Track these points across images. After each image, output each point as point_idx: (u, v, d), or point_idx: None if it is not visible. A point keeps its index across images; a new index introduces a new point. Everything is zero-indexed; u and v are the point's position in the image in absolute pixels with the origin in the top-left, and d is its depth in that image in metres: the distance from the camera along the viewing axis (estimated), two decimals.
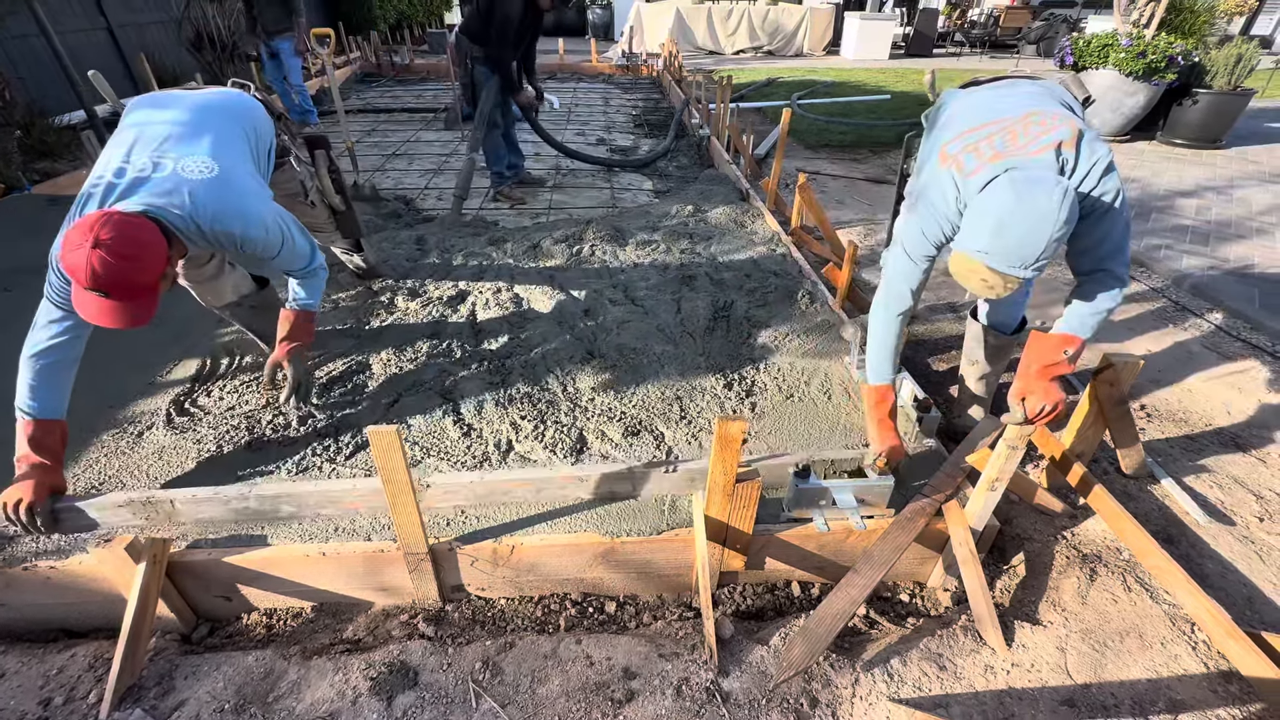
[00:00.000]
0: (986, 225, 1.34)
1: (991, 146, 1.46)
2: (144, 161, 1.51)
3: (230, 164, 1.61)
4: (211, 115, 1.70)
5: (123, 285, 1.36)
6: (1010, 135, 1.46)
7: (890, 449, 1.68)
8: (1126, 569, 1.63)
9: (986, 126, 1.52)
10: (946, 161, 1.52)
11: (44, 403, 1.53)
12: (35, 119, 4.90)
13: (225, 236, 1.58)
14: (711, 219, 3.74)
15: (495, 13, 3.66)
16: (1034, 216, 1.28)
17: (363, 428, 1.96)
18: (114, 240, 1.33)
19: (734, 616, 1.63)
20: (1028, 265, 1.32)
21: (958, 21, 14.96)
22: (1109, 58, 5.74)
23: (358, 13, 11.39)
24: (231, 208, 1.57)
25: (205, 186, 1.53)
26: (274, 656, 1.46)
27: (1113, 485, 1.93)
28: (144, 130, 1.59)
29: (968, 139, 1.52)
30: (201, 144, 1.59)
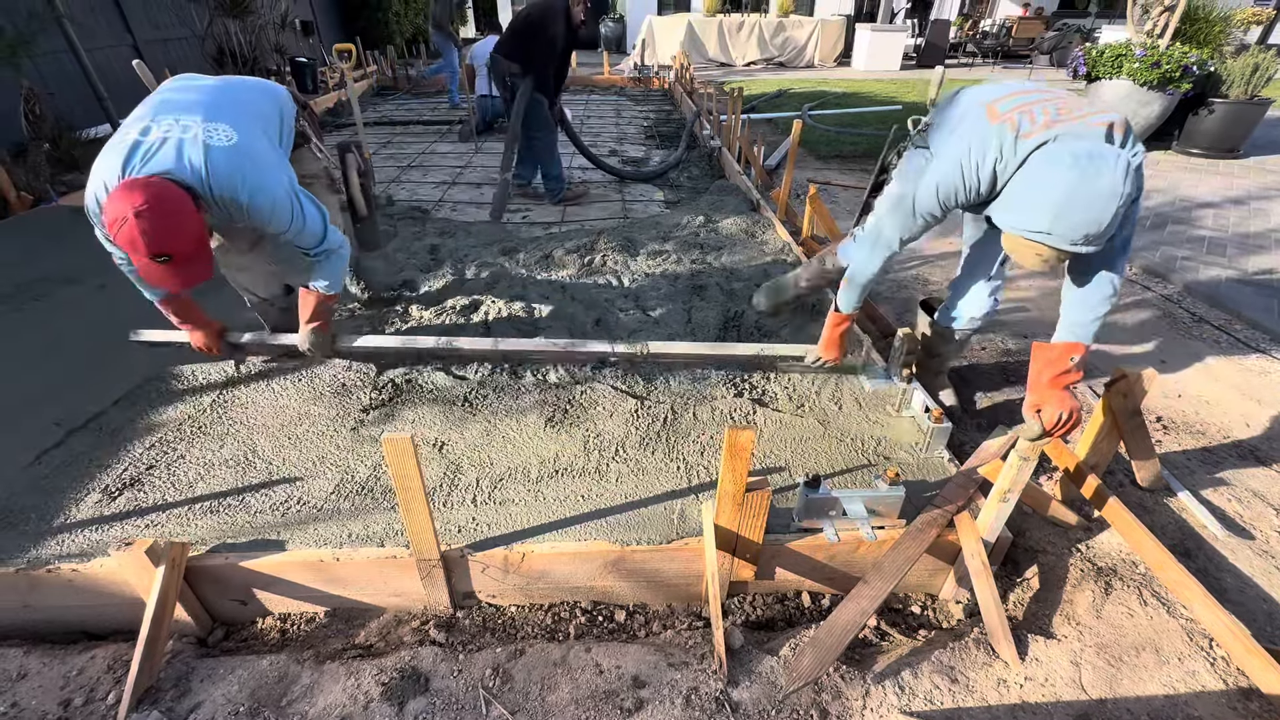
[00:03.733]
0: (1047, 206, 1.28)
1: (1045, 113, 1.39)
2: (169, 125, 1.60)
3: (250, 136, 1.69)
4: (236, 91, 1.81)
5: (175, 244, 1.51)
6: (1064, 105, 1.41)
7: (832, 357, 2.04)
8: (1142, 583, 1.61)
9: (1034, 93, 1.47)
10: (998, 118, 1.43)
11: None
12: (63, 132, 5.03)
13: (232, 203, 1.65)
14: (723, 229, 3.76)
15: (539, 35, 3.79)
16: (1100, 193, 1.24)
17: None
18: (150, 206, 1.46)
19: (744, 627, 1.62)
20: (1092, 240, 1.28)
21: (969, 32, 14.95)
22: (1123, 68, 5.72)
23: (375, 28, 11.62)
24: (243, 176, 1.64)
25: (222, 153, 1.61)
26: (288, 661, 1.48)
27: (1128, 498, 1.91)
28: (173, 98, 1.70)
29: (1019, 99, 1.45)
30: (224, 115, 1.68)
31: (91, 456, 1.89)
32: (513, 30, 3.95)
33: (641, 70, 10.18)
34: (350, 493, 1.77)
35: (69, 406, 2.11)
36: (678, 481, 1.82)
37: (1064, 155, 1.29)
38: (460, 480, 1.81)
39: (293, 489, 1.78)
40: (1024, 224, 1.33)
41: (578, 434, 2.00)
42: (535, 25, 3.86)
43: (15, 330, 2.58)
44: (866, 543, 1.61)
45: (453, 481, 1.81)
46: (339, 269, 1.98)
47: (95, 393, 2.17)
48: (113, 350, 2.41)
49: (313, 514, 1.70)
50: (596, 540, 1.62)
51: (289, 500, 1.74)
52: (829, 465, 1.89)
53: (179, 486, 1.78)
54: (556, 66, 4.13)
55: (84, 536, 1.62)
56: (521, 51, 3.89)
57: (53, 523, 1.66)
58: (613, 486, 1.80)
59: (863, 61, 12.90)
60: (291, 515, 1.69)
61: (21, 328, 2.60)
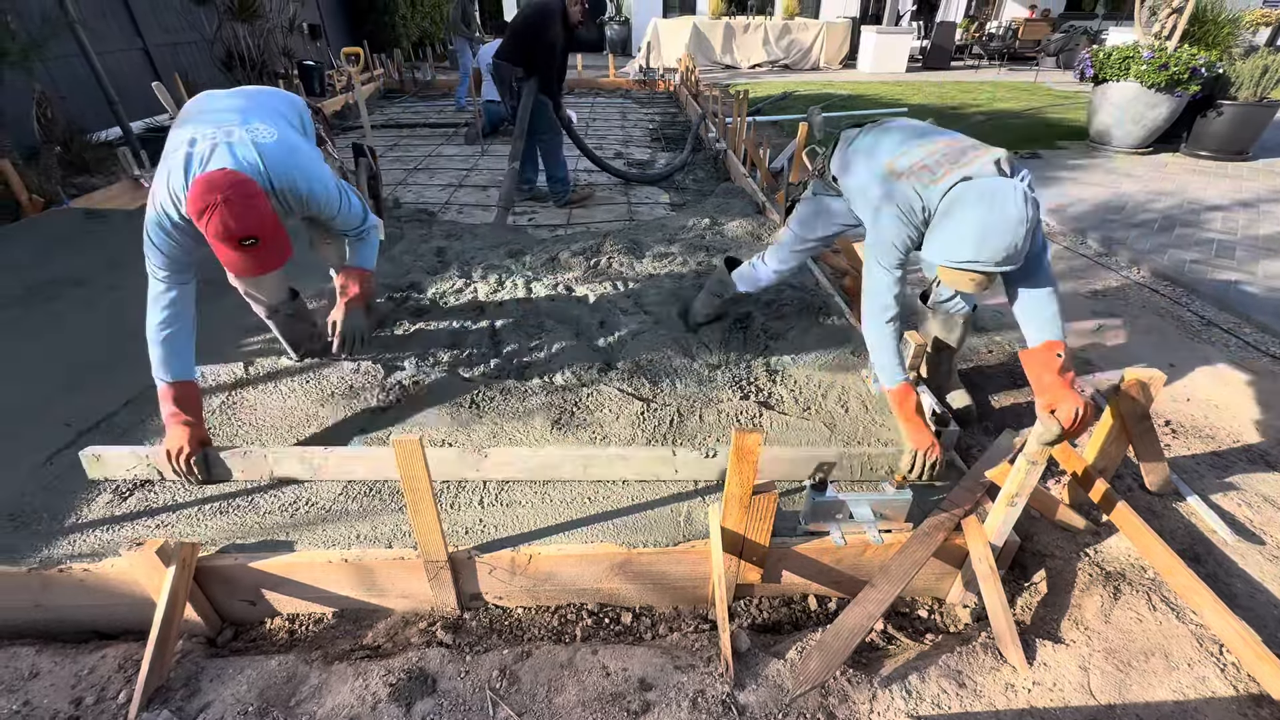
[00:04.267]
0: (969, 239, 1.50)
1: (941, 161, 1.63)
2: (212, 132, 1.67)
3: (286, 132, 1.80)
4: (264, 98, 1.92)
5: (260, 226, 1.56)
6: (954, 150, 1.65)
7: (926, 446, 1.75)
8: (1151, 588, 1.60)
9: (924, 143, 1.71)
10: (903, 177, 1.67)
11: (176, 368, 1.74)
12: (74, 136, 5.09)
13: (292, 193, 1.74)
14: (728, 232, 3.76)
15: (539, 38, 3.86)
16: (1009, 219, 1.47)
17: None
18: (234, 194, 1.52)
19: (750, 630, 1.62)
20: (1012, 259, 1.50)
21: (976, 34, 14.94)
22: (1130, 70, 5.70)
23: (381, 31, 11.69)
24: (296, 166, 1.75)
25: (272, 148, 1.70)
26: (296, 661, 1.48)
27: (1137, 502, 1.90)
28: (207, 112, 1.78)
29: (915, 155, 1.68)
30: (257, 116, 1.77)
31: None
32: (513, 34, 3.98)
33: (647, 73, 10.21)
34: (358, 494, 1.77)
35: (79, 408, 2.13)
36: (683, 485, 1.82)
37: (971, 194, 1.53)
38: (467, 483, 1.82)
39: (301, 490, 1.79)
40: (953, 256, 1.54)
41: (584, 436, 2.00)
42: (534, 28, 3.90)
43: (27, 331, 2.61)
44: (873, 546, 1.60)
45: (459, 483, 1.81)
46: (374, 247, 2.10)
47: (106, 394, 2.19)
48: (123, 352, 2.44)
49: (321, 515, 1.71)
50: (603, 542, 1.62)
51: (297, 501, 1.75)
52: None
53: (188, 487, 1.80)
54: (557, 67, 4.16)
55: (95, 537, 1.63)
56: (523, 55, 3.92)
57: (64, 523, 1.68)
58: (619, 489, 1.80)
59: (868, 64, 12.89)
60: (300, 516, 1.70)
61: (33, 329, 2.63)
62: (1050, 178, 5.36)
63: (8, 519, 1.68)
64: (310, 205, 1.80)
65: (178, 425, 1.72)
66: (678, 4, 16.05)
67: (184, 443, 1.71)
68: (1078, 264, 3.80)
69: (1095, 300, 3.33)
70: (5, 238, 3.55)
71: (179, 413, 1.73)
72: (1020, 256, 1.50)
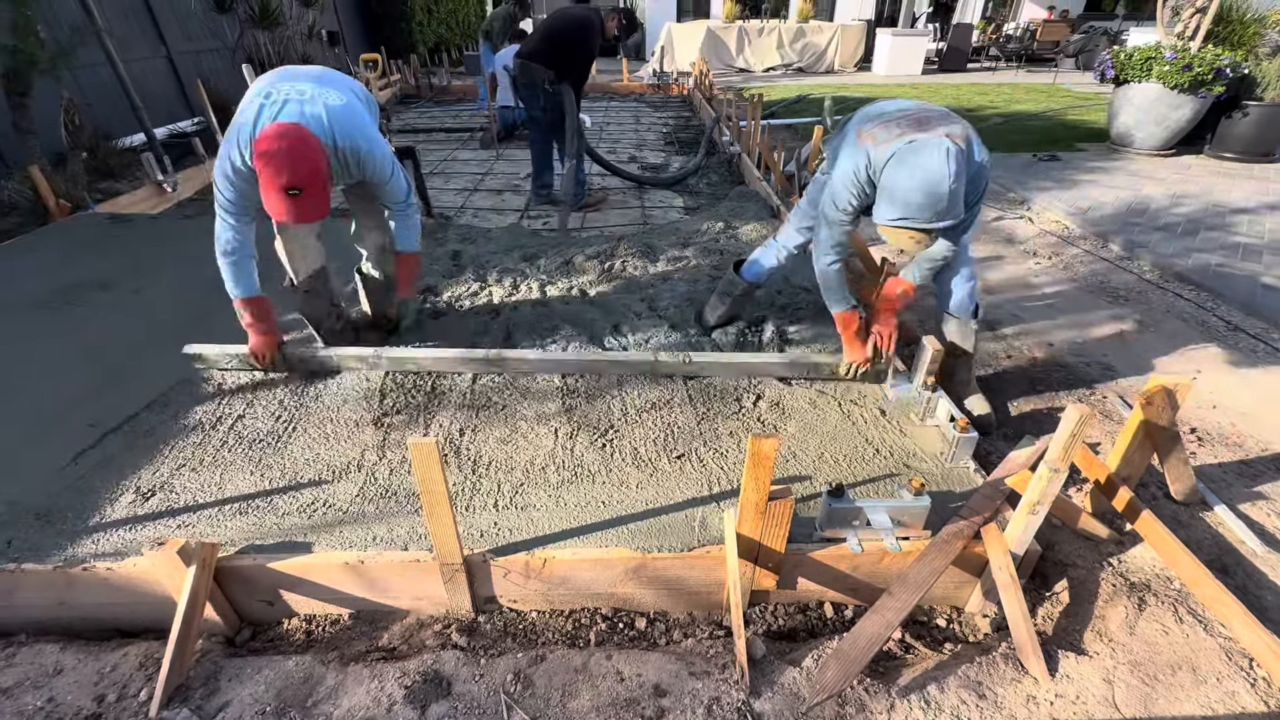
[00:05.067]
0: (899, 196, 1.61)
1: (899, 128, 1.75)
2: (287, 88, 1.89)
3: (353, 102, 2.00)
4: (338, 76, 2.11)
5: (310, 180, 1.76)
6: (915, 124, 1.75)
7: (860, 359, 2.14)
8: (1178, 599, 1.56)
9: (898, 117, 1.81)
10: (862, 139, 1.81)
11: (245, 286, 2.05)
12: (100, 142, 5.19)
13: (352, 152, 1.93)
14: (742, 235, 3.75)
15: (580, 47, 3.99)
16: (929, 174, 1.56)
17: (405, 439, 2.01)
18: (294, 145, 1.73)
19: (765, 636, 1.61)
20: (941, 215, 1.58)
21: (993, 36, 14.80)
22: (1152, 71, 5.61)
23: (398, 37, 11.82)
24: (359, 129, 1.95)
25: (339, 110, 1.91)
26: (313, 662, 1.50)
27: (1162, 511, 1.86)
28: (284, 76, 1.98)
29: (880, 123, 1.82)
30: (330, 84, 1.99)
31: (125, 457, 1.94)
32: (548, 39, 4.02)
33: (661, 77, 10.22)
34: (374, 495, 1.79)
35: (104, 408, 2.16)
36: (699, 489, 1.81)
37: (903, 155, 1.64)
38: (482, 485, 1.82)
39: (319, 491, 1.80)
40: (889, 215, 1.67)
41: (599, 440, 2.00)
42: (575, 39, 4.01)
43: (53, 334, 2.66)
44: (891, 554, 1.58)
45: (475, 486, 1.82)
46: (416, 227, 2.29)
47: (129, 395, 2.23)
48: (146, 354, 2.48)
49: (338, 517, 1.72)
50: (617, 547, 1.62)
51: (315, 503, 1.76)
52: (852, 474, 1.87)
53: (209, 488, 1.82)
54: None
55: (118, 536, 1.66)
56: (559, 60, 3.99)
57: (88, 522, 1.71)
58: (633, 493, 1.80)
59: (883, 66, 12.81)
60: (318, 518, 1.72)
61: (59, 331, 2.68)
62: (1071, 180, 5.28)
63: (35, 518, 1.71)
64: (366, 166, 1.99)
65: (257, 333, 2.16)
66: (691, 8, 16.07)
67: (264, 346, 2.18)
68: (1099, 267, 3.74)
69: (1118, 304, 3.28)
70: (34, 242, 3.63)
71: (255, 322, 2.13)
72: (951, 213, 1.58)
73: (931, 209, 1.58)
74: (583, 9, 4.19)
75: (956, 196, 1.58)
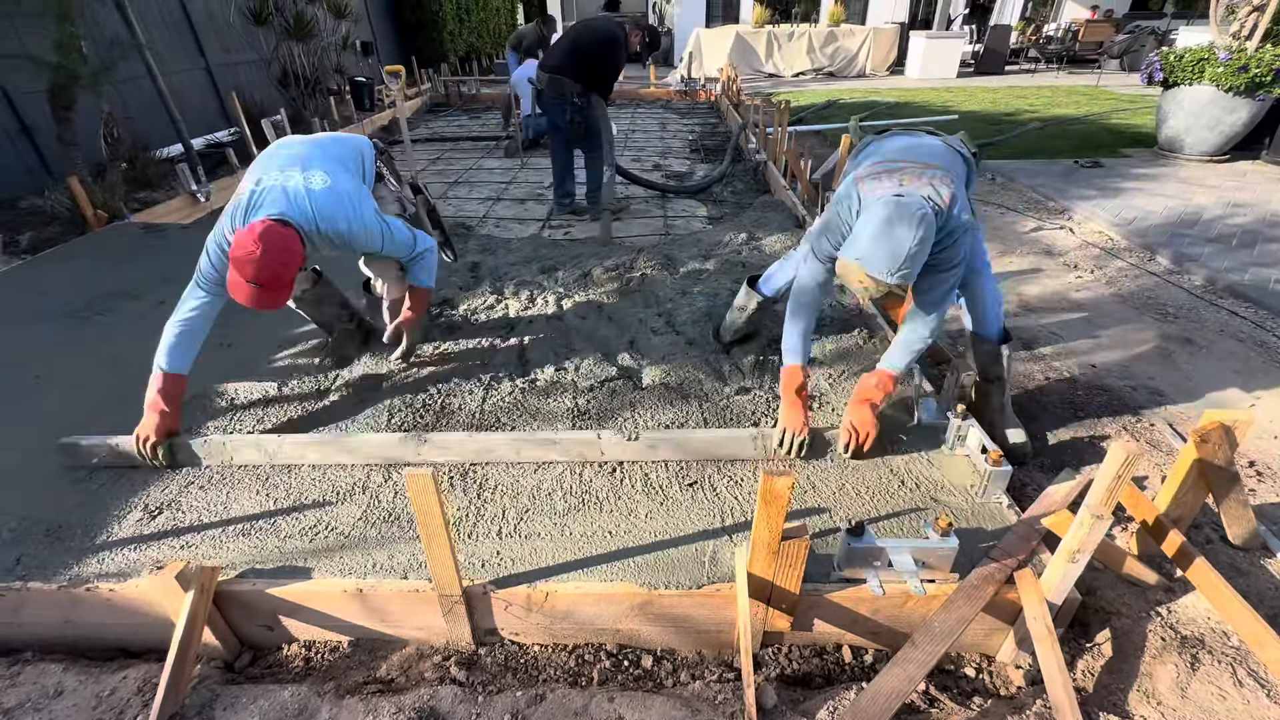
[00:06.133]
0: (865, 236, 1.62)
1: (894, 180, 1.74)
2: (276, 176, 1.94)
3: (339, 178, 2.01)
4: (323, 144, 2.13)
5: (274, 281, 1.79)
6: (910, 177, 1.74)
7: (797, 427, 1.90)
8: (1237, 659, 1.42)
9: (898, 163, 1.81)
10: (857, 182, 1.81)
11: (176, 361, 1.95)
12: (139, 153, 5.35)
13: (335, 234, 1.96)
14: (765, 247, 3.65)
15: (607, 62, 4.02)
16: (897, 233, 1.57)
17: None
18: (271, 248, 1.76)
19: (779, 681, 1.52)
20: (892, 273, 1.58)
21: (1032, 37, 14.37)
22: (1204, 73, 5.33)
23: (430, 46, 12.01)
24: (340, 211, 1.96)
25: (322, 195, 1.93)
26: (309, 693, 1.46)
27: (1217, 557, 1.71)
28: (273, 157, 2.04)
29: (879, 168, 1.81)
30: (315, 164, 2.00)
31: (136, 474, 1.94)
32: (574, 53, 4.01)
33: (688, 83, 10.16)
34: (377, 519, 1.75)
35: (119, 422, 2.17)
36: (710, 520, 1.73)
37: (878, 206, 1.63)
38: (486, 511, 1.77)
39: (322, 514, 1.77)
40: (849, 251, 1.66)
41: (606, 467, 1.93)
42: (602, 53, 4.04)
43: (80, 344, 2.71)
44: (915, 598, 1.48)
45: (479, 512, 1.77)
46: (429, 268, 2.28)
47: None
48: None
49: (340, 541, 1.69)
50: (623, 582, 1.54)
51: (318, 525, 1.73)
52: (875, 507, 1.76)
53: (214, 507, 1.81)
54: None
55: (122, 556, 1.65)
56: (588, 74, 4.00)
57: (95, 540, 1.70)
58: (642, 523, 1.72)
59: (917, 70, 12.54)
60: (319, 542, 1.69)
61: (86, 342, 2.73)
62: (1115, 188, 5.04)
63: (45, 534, 1.72)
64: (353, 242, 2.02)
65: (154, 413, 1.92)
66: (720, 13, 15.99)
67: (152, 430, 1.90)
68: (1146, 282, 3.54)
69: (1166, 322, 3.08)
70: (70, 251, 3.74)
71: (158, 401, 1.92)
72: (899, 273, 1.58)
73: (888, 263, 1.58)
74: (607, 21, 4.16)
75: (915, 261, 1.60)
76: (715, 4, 16.06)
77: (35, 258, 3.66)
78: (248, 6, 7.47)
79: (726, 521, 1.72)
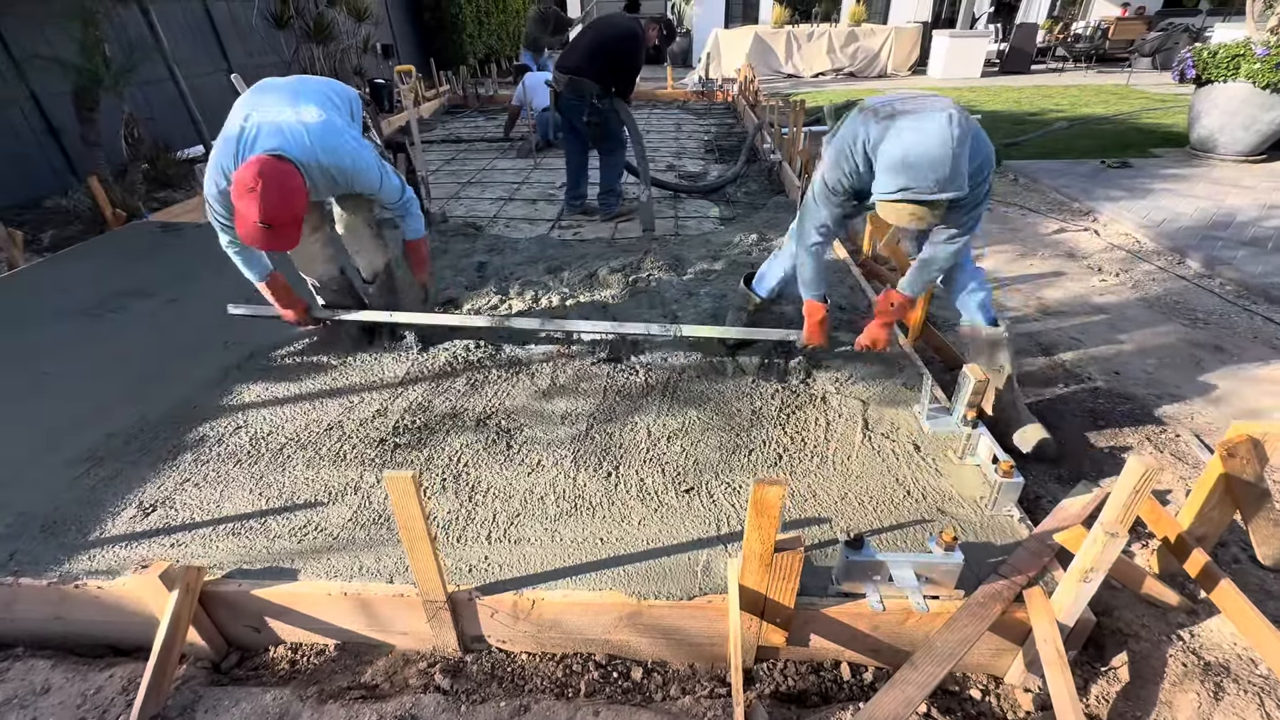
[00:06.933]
0: (898, 165, 1.51)
1: (900, 106, 1.66)
2: (268, 112, 1.90)
3: (331, 114, 2.00)
4: (311, 85, 2.11)
5: (282, 218, 1.79)
6: (916, 104, 1.66)
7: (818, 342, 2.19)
8: (1265, 689, 1.33)
9: (899, 98, 1.72)
10: (862, 113, 1.73)
11: (258, 270, 2.20)
12: (160, 153, 5.44)
13: (336, 169, 1.95)
14: (776, 248, 3.57)
15: (628, 59, 3.97)
16: (931, 139, 1.47)
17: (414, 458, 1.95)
18: (270, 184, 1.74)
19: (773, 698, 1.46)
20: (943, 184, 1.47)
21: (1060, 35, 14.03)
22: (1240, 69, 5.13)
23: (449, 48, 12.09)
24: (341, 145, 1.95)
25: (318, 128, 1.91)
26: (291, 697, 1.43)
27: (1246, 579, 1.61)
28: (262, 94, 1.99)
29: (880, 102, 1.73)
30: (308, 100, 1.98)
31: (133, 470, 1.94)
32: (596, 53, 3.95)
33: (705, 84, 10.09)
34: (367, 521, 1.73)
35: (123, 418, 2.19)
36: (705, 528, 1.67)
37: (902, 125, 1.56)
38: (477, 514, 1.74)
39: (312, 514, 1.75)
40: (888, 187, 1.54)
41: (601, 472, 1.89)
42: (623, 51, 3.96)
43: (91, 341, 2.74)
44: (917, 614, 1.41)
45: (469, 515, 1.74)
46: (419, 215, 2.34)
47: (150, 404, 2.25)
48: (170, 364, 2.52)
49: (328, 542, 1.66)
50: (612, 591, 1.50)
51: (307, 526, 1.71)
52: (878, 517, 1.69)
53: (207, 505, 1.80)
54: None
55: (113, 553, 1.65)
56: (609, 75, 3.98)
57: (89, 536, 1.70)
58: (634, 530, 1.67)
59: (940, 70, 12.31)
60: (308, 542, 1.67)
61: (96, 339, 2.76)
62: (1144, 189, 4.87)
63: (40, 529, 1.73)
64: (354, 180, 2.02)
65: (283, 305, 2.30)
66: (740, 14, 15.89)
67: (294, 310, 2.32)
68: (1174, 286, 3.39)
69: (1195, 328, 2.95)
70: (89, 249, 3.80)
71: (281, 296, 2.28)
72: (954, 184, 1.48)
73: (933, 176, 1.47)
74: (626, 20, 4.09)
75: (959, 163, 1.48)
76: (734, 4, 15.96)
77: (55, 256, 3.72)
78: (269, 10, 7.59)
79: (722, 530, 1.67)
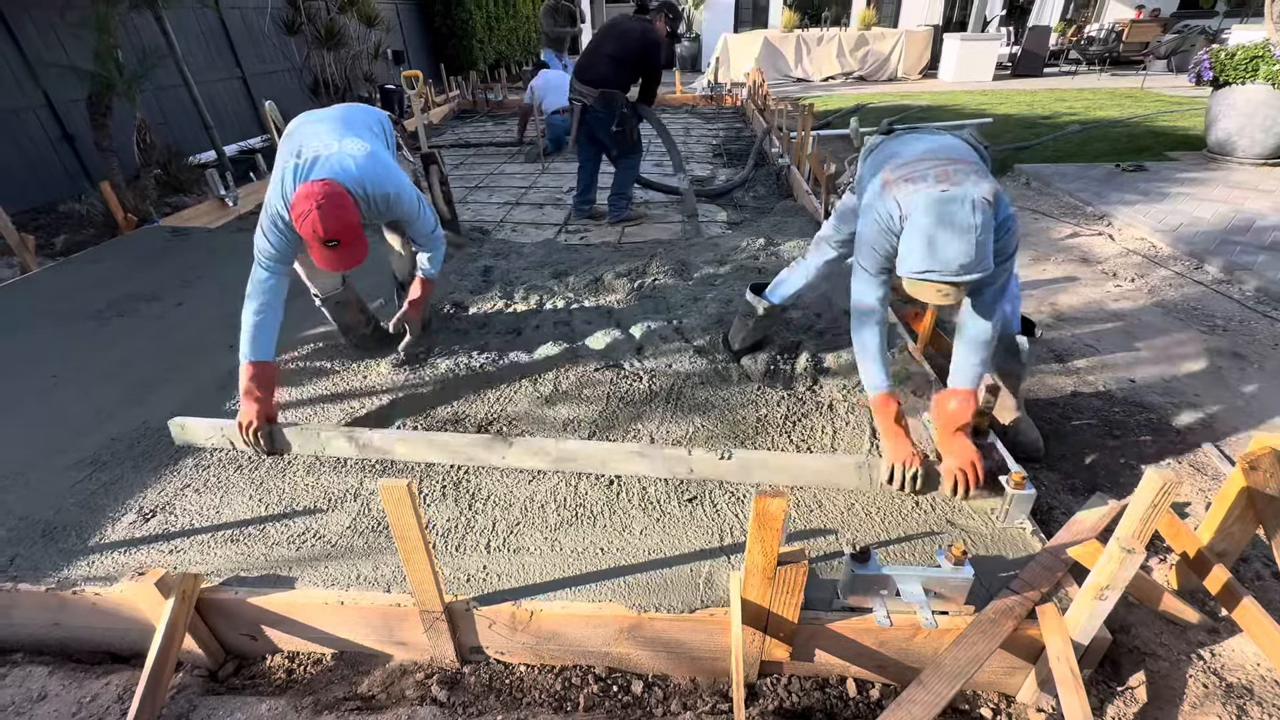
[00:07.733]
0: (923, 247, 1.50)
1: (927, 178, 1.61)
2: (316, 146, 1.94)
3: (375, 146, 2.04)
4: (352, 114, 2.16)
5: (345, 232, 1.80)
6: (943, 173, 1.62)
7: (906, 458, 1.70)
8: None
9: (924, 161, 1.68)
10: (888, 187, 1.67)
11: (259, 350, 1.94)
12: (173, 158, 5.50)
13: (381, 198, 1.98)
14: (784, 253, 3.54)
15: (653, 62, 4.00)
16: (955, 228, 1.47)
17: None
18: (327, 202, 1.77)
19: (777, 714, 1.42)
20: (970, 269, 1.47)
21: (1073, 38, 13.90)
22: (1259, 71, 5.04)
23: (460, 54, 12.17)
24: (385, 175, 1.99)
25: (364, 160, 1.95)
26: (286, 708, 1.42)
27: (1269, 596, 1.55)
28: (306, 128, 2.03)
29: (906, 171, 1.67)
30: (351, 132, 2.02)
31: (134, 476, 1.94)
32: (619, 62, 3.94)
33: (714, 88, 10.08)
34: (365, 529, 1.71)
35: (126, 422, 2.19)
36: (708, 538, 1.64)
37: (922, 203, 1.54)
38: (477, 522, 1.72)
39: (311, 521, 1.74)
40: (913, 267, 1.52)
41: (603, 480, 1.86)
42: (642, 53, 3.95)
43: (97, 345, 2.75)
44: (925, 630, 1.37)
45: (469, 523, 1.71)
46: (440, 257, 2.31)
47: (152, 409, 2.26)
48: (173, 368, 2.53)
49: (326, 550, 1.65)
50: (612, 603, 1.47)
51: (305, 533, 1.70)
52: (885, 529, 1.65)
53: (207, 511, 1.79)
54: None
55: (112, 559, 1.64)
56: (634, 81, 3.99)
57: (88, 541, 1.70)
58: (636, 539, 1.64)
59: (951, 73, 12.23)
60: (306, 550, 1.65)
61: (103, 343, 2.77)
62: (1159, 193, 4.79)
63: (40, 534, 1.72)
64: (395, 208, 2.04)
65: (250, 401, 1.93)
66: (750, 18, 15.90)
67: (253, 417, 1.92)
68: (1192, 292, 3.32)
69: (1214, 335, 2.88)
70: (100, 254, 3.83)
71: (253, 389, 1.93)
72: (978, 266, 1.48)
73: (957, 260, 1.47)
74: (641, 24, 4.03)
75: (984, 249, 1.48)
76: (744, 9, 15.97)
77: (66, 260, 3.76)
78: (281, 16, 7.66)
79: (726, 541, 1.63)
